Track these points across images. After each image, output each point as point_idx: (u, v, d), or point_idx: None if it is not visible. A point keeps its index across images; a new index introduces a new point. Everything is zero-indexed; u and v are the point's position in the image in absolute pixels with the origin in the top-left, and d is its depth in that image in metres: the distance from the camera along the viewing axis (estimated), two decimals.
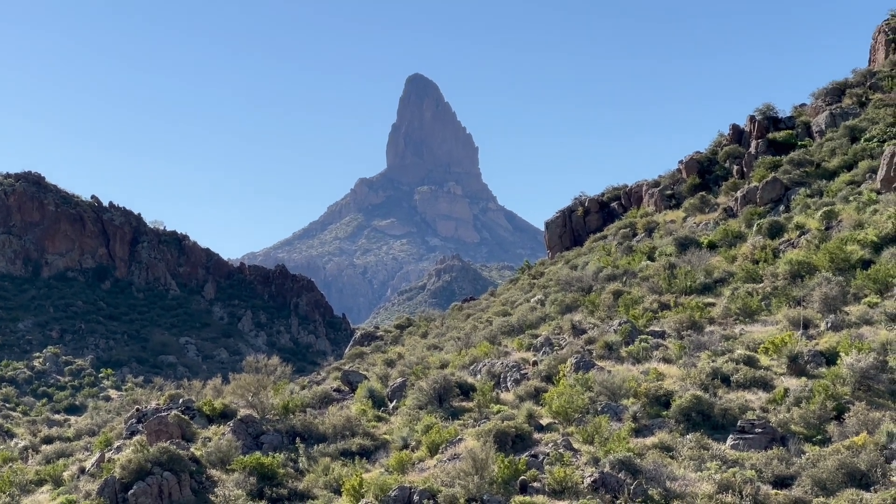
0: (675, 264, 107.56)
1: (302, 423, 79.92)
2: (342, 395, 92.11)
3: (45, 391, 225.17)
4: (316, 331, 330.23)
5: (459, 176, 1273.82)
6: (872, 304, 78.97)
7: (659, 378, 71.92)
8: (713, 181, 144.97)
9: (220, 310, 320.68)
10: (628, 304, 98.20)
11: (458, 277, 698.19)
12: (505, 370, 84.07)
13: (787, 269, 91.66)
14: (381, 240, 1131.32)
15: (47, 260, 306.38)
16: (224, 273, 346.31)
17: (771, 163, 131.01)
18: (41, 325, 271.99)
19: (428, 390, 79.89)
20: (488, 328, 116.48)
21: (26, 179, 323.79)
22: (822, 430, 60.27)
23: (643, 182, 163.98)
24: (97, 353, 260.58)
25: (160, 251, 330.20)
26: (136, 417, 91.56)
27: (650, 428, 65.09)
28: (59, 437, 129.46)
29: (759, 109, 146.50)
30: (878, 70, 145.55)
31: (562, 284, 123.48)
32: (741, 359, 71.90)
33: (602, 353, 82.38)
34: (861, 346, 67.90)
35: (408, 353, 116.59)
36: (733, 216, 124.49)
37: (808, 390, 64.08)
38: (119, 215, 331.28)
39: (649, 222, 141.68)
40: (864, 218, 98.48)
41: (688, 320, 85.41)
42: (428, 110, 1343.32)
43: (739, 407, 64.56)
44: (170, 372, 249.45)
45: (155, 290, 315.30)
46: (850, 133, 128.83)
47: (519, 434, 67.40)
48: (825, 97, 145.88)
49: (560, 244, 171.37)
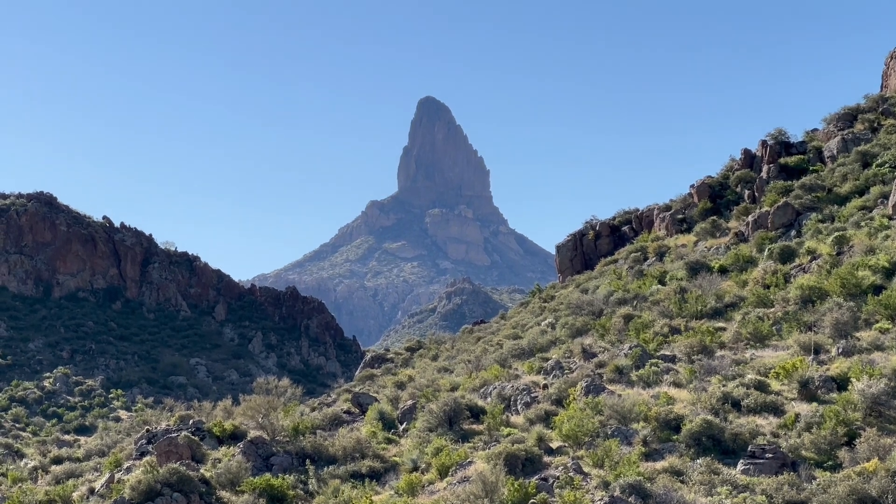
0: (685, 289, 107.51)
1: (312, 445, 79.85)
2: (352, 418, 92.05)
3: (56, 411, 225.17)
4: (326, 353, 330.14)
5: (470, 199, 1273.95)
6: (884, 330, 78.84)
7: (669, 402, 71.79)
8: (724, 206, 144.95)
9: (231, 331, 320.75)
10: (639, 328, 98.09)
11: (469, 300, 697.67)
12: (515, 393, 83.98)
13: (799, 294, 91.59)
14: (392, 262, 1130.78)
15: (58, 280, 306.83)
16: (235, 294, 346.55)
17: (782, 187, 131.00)
18: (52, 345, 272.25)
19: (438, 413, 79.81)
20: (499, 351, 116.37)
21: (38, 200, 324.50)
22: (833, 456, 60.09)
23: (654, 206, 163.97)
24: (107, 373, 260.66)
25: (171, 272, 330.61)
26: (146, 438, 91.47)
27: (660, 452, 64.95)
28: (69, 458, 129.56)
29: (770, 134, 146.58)
30: (891, 95, 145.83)
31: (572, 308, 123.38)
32: (752, 383, 71.77)
33: (612, 376, 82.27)
34: (872, 371, 67.75)
35: (418, 376, 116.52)
36: (744, 241, 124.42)
37: (819, 416, 63.92)
38: (130, 236, 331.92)
39: (660, 246, 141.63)
40: (876, 243, 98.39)
41: (698, 345, 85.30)
42: (439, 133, 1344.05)
43: (750, 432, 64.40)
44: (180, 393, 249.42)
45: (166, 311, 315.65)
46: (862, 158, 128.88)
47: (529, 457, 67.26)
48: (837, 122, 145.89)
49: (571, 268, 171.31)
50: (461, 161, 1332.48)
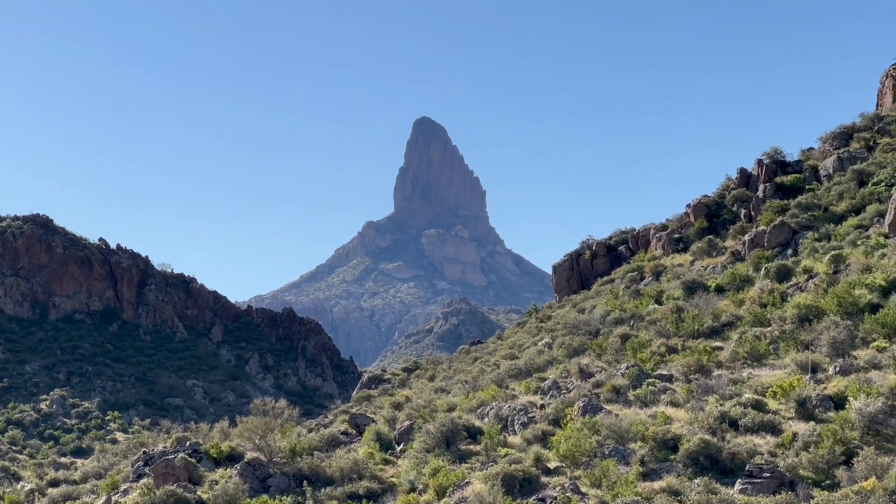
0: (682, 308, 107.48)
1: (309, 466, 79.67)
2: (349, 438, 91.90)
3: (52, 434, 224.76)
4: (323, 374, 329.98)
5: (467, 219, 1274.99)
6: (881, 349, 78.76)
7: (667, 422, 71.72)
8: (721, 225, 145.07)
9: (228, 352, 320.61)
10: (636, 348, 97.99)
11: (466, 321, 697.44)
12: (512, 413, 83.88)
13: (795, 313, 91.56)
14: (389, 283, 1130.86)
15: (55, 302, 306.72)
16: (231, 316, 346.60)
17: (779, 206, 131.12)
18: (48, 367, 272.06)
19: (435, 433, 79.70)
20: (496, 371, 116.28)
21: (34, 222, 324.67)
22: (830, 475, 59.98)
23: (651, 226, 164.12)
24: (104, 395, 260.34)
25: (168, 294, 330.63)
26: (142, 460, 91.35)
27: (658, 472, 64.86)
28: (66, 480, 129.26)
29: (766, 153, 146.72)
30: (886, 114, 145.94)
31: (569, 328, 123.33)
32: (749, 403, 71.67)
33: (610, 396, 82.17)
34: (870, 390, 67.66)
35: (415, 397, 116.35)
36: (741, 260, 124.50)
37: (816, 434, 63.84)
38: (126, 258, 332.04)
39: (657, 266, 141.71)
40: (873, 262, 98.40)
41: (695, 364, 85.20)
42: (435, 153, 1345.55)
43: (748, 451, 64.30)
44: (177, 414, 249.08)
45: (162, 333, 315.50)
46: (858, 177, 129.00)
47: (526, 477, 67.14)
48: (833, 141, 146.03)
49: (567, 287, 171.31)
50: (457, 181, 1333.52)
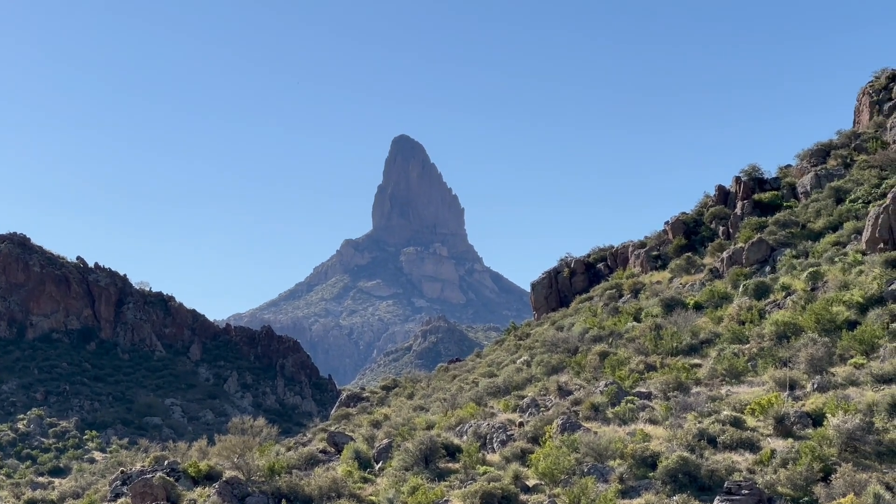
0: (661, 325, 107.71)
1: (288, 485, 79.45)
2: (328, 457, 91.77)
3: (30, 453, 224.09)
4: (302, 392, 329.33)
5: (445, 237, 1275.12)
6: (858, 365, 79.05)
7: (645, 439, 71.78)
8: (699, 242, 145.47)
9: (206, 371, 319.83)
10: (614, 366, 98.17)
11: (444, 338, 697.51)
12: (491, 431, 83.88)
13: (774, 330, 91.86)
14: (367, 301, 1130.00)
15: (32, 321, 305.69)
16: (210, 334, 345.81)
17: (757, 224, 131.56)
18: (26, 386, 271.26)
19: (414, 451, 79.63)
20: (474, 389, 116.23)
21: (11, 241, 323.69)
22: (809, 492, 60.09)
23: (629, 243, 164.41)
24: (82, 414, 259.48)
25: (146, 312, 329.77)
26: (120, 480, 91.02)
27: (637, 489, 64.90)
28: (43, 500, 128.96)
29: (744, 170, 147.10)
30: (863, 131, 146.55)
31: (548, 346, 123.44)
32: (728, 420, 71.81)
33: (588, 414, 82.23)
34: (847, 407, 67.84)
35: (394, 415, 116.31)
36: (719, 277, 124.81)
37: (794, 451, 63.96)
38: (104, 276, 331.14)
39: (635, 283, 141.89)
40: (850, 279, 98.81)
41: (674, 381, 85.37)
42: (414, 171, 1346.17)
43: (726, 468, 64.38)
44: (155, 433, 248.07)
45: (140, 352, 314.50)
46: (836, 194, 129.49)
47: (505, 495, 67.13)
48: (810, 158, 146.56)
49: (546, 305, 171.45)
50: (436, 199, 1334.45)
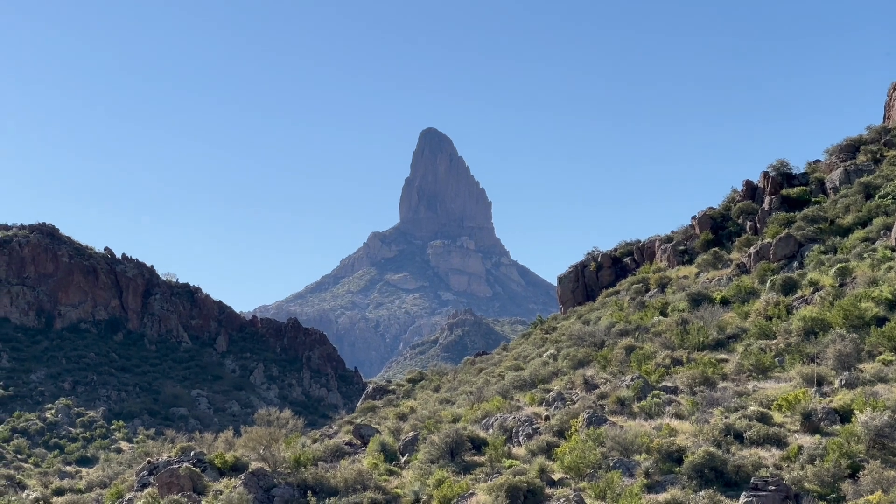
0: (687, 320, 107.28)
1: (313, 477, 79.64)
2: (354, 449, 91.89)
3: (57, 443, 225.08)
4: (328, 384, 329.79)
5: (472, 230, 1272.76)
6: (887, 362, 78.68)
7: (671, 434, 71.62)
8: (726, 237, 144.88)
9: (232, 362, 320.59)
10: (640, 360, 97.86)
11: (471, 332, 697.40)
12: (517, 425, 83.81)
13: (801, 326, 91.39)
14: (394, 294, 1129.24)
15: (60, 311, 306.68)
16: (236, 326, 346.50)
17: (784, 219, 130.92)
18: (53, 376, 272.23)
19: (440, 444, 79.65)
20: (500, 383, 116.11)
21: (40, 231, 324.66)
22: (836, 489, 59.86)
23: (656, 238, 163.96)
24: (109, 404, 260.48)
25: (173, 303, 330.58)
26: (147, 470, 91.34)
27: (662, 484, 64.78)
28: (71, 489, 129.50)
29: (772, 165, 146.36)
30: (893, 127, 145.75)
31: (574, 339, 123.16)
32: (754, 415, 71.59)
33: (614, 408, 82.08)
34: (875, 403, 67.59)
35: (420, 408, 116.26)
36: (746, 272, 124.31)
37: (822, 448, 63.74)
38: (132, 267, 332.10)
39: (662, 278, 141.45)
40: (879, 275, 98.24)
41: (700, 376, 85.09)
42: (441, 164, 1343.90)
43: (753, 464, 64.20)
44: (181, 424, 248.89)
45: (167, 343, 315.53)
46: (865, 190, 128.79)
47: (531, 489, 67.09)
48: (839, 154, 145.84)
49: (572, 299, 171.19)
50: (463, 192, 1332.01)
